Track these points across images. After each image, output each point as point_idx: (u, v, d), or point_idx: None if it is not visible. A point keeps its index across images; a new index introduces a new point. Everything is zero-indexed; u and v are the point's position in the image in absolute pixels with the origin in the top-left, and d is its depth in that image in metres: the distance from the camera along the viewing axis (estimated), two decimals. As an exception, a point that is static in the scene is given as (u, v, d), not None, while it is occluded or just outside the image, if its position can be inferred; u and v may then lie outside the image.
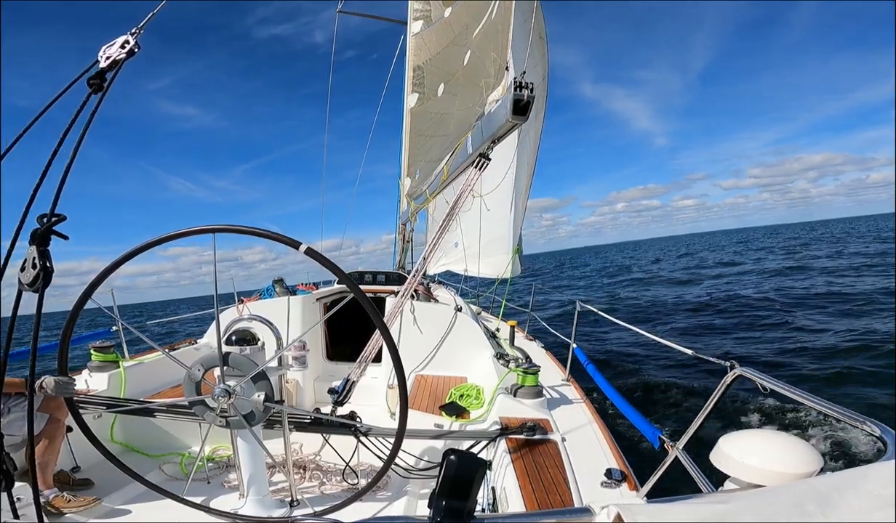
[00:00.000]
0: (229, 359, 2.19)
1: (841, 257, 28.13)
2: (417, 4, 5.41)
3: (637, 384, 8.80)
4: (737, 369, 1.69)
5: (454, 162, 3.77)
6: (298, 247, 1.78)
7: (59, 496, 2.63)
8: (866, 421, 1.18)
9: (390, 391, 4.15)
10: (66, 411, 2.67)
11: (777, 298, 16.13)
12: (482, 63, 3.68)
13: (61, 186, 1.35)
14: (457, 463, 0.81)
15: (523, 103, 2.51)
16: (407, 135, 5.93)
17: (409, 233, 8.63)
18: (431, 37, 4.86)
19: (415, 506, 2.85)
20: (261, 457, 2.52)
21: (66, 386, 2.09)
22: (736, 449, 1.26)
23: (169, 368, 4.10)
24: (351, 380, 3.09)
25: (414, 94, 5.34)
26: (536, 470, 2.30)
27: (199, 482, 3.12)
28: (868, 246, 35.19)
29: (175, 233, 1.80)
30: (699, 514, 0.68)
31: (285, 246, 1.79)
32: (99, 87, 1.46)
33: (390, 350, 1.87)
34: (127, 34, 1.55)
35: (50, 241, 1.32)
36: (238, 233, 1.78)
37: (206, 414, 2.20)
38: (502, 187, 6.69)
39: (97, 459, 2.48)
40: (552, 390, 3.48)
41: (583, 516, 0.77)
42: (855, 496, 0.65)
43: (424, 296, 5.43)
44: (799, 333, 11.16)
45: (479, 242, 7.33)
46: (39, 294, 1.31)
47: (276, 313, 3.95)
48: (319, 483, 3.11)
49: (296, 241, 1.78)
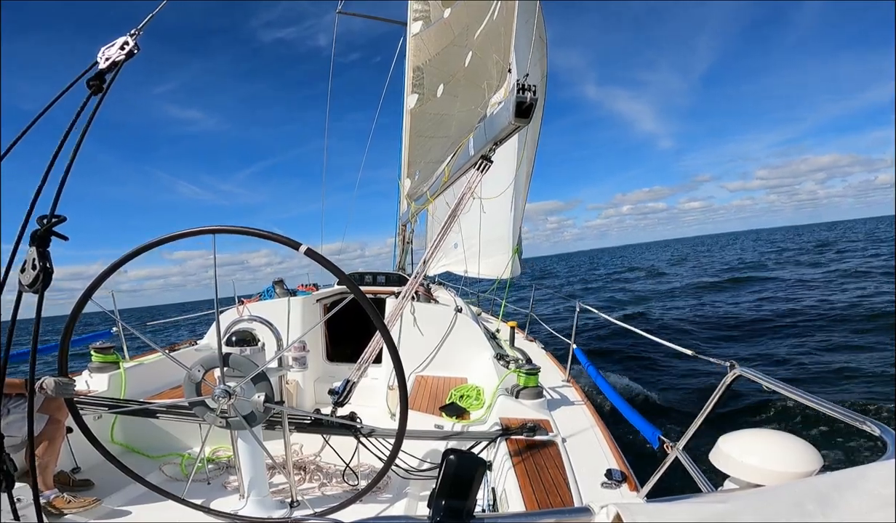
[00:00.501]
0: (230, 359, 2.19)
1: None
2: (417, 5, 5.42)
3: (637, 384, 8.80)
4: (736, 369, 1.69)
5: (455, 163, 3.78)
6: (298, 248, 1.78)
7: (59, 497, 2.63)
8: (866, 421, 1.18)
9: (390, 392, 4.15)
10: (66, 412, 2.67)
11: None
12: (484, 64, 3.69)
13: (61, 187, 1.35)
14: (456, 463, 0.81)
15: (526, 106, 2.52)
16: (407, 136, 5.94)
17: (409, 235, 8.64)
18: (431, 37, 4.86)
19: (415, 507, 2.85)
20: (261, 458, 2.52)
21: (66, 386, 2.09)
22: (736, 449, 1.26)
23: (169, 369, 4.10)
24: (351, 380, 3.09)
25: (413, 94, 5.34)
26: (537, 471, 2.30)
27: (199, 483, 3.12)
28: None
29: (175, 235, 1.80)
30: (699, 514, 0.68)
31: (287, 247, 1.80)
32: (98, 89, 1.46)
33: (390, 351, 1.87)
34: (126, 35, 1.55)
35: (50, 242, 1.33)
36: (238, 234, 1.78)
37: (207, 415, 2.20)
38: (502, 188, 6.70)
39: (97, 460, 2.48)
40: (552, 391, 3.48)
41: (582, 516, 0.77)
42: (855, 495, 0.65)
43: (424, 297, 5.43)
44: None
45: (479, 243, 7.34)
46: (39, 295, 1.31)
47: (276, 314, 3.95)
48: (320, 484, 3.11)
49: (296, 242, 1.78)
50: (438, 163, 4.67)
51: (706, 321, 15.10)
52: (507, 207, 7.51)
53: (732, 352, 11.06)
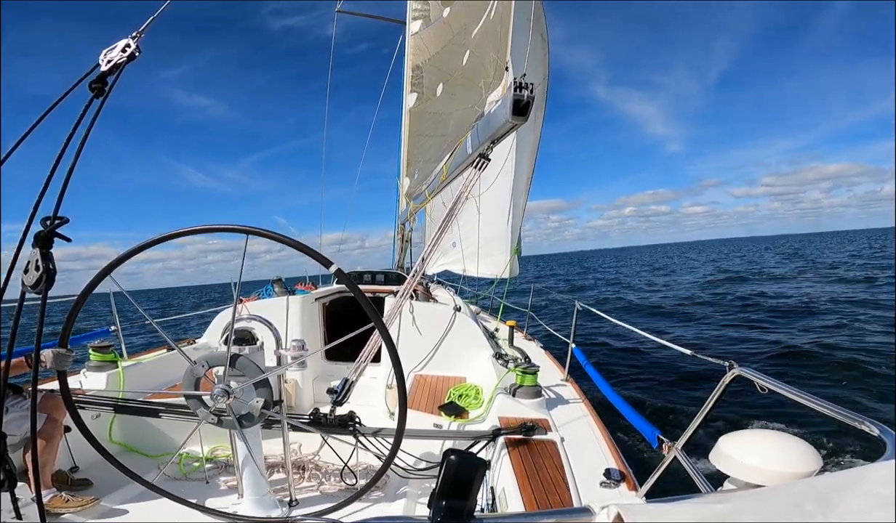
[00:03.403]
0: (237, 361, 2.20)
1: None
2: (416, 4, 5.42)
3: (636, 384, 8.81)
4: (735, 369, 1.69)
5: (453, 162, 3.78)
6: (329, 267, 1.86)
7: (57, 496, 2.62)
8: (865, 421, 1.18)
9: (389, 391, 4.15)
10: (63, 411, 2.66)
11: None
12: (481, 63, 3.68)
13: (64, 189, 1.35)
14: (457, 463, 0.81)
15: (523, 104, 2.52)
16: (406, 135, 5.93)
17: (407, 234, 8.64)
18: (430, 36, 4.86)
19: (414, 506, 2.85)
20: (259, 457, 2.52)
21: (64, 358, 2.02)
22: (735, 449, 1.26)
23: (167, 368, 4.10)
24: (350, 380, 3.09)
25: (413, 93, 5.34)
26: (535, 470, 2.30)
27: (197, 482, 3.12)
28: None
29: (210, 227, 1.80)
30: (699, 514, 0.68)
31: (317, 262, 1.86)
32: (100, 92, 1.46)
33: (389, 350, 1.87)
34: (128, 38, 1.55)
35: (52, 244, 1.33)
36: (273, 240, 1.81)
37: (199, 411, 2.20)
38: (500, 187, 6.69)
39: (95, 459, 2.47)
40: (551, 390, 3.48)
41: (582, 516, 0.77)
42: (854, 496, 0.65)
43: (423, 296, 5.42)
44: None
45: (478, 242, 7.34)
46: (42, 296, 1.32)
47: (274, 313, 3.94)
48: (318, 483, 3.10)
49: (328, 260, 1.86)
50: (437, 163, 4.67)
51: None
52: (506, 207, 7.52)
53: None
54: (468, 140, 3.30)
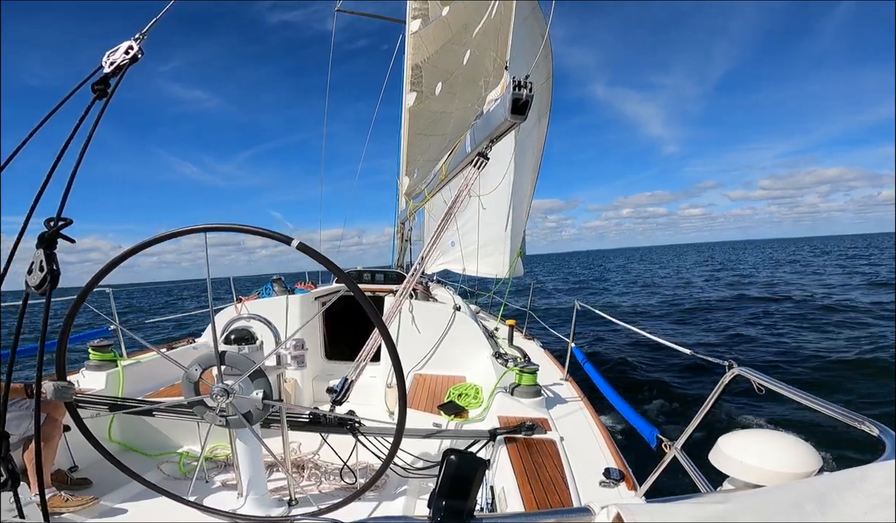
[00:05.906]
0: (225, 357, 2.19)
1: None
2: (415, 3, 5.41)
3: (635, 383, 8.81)
4: (735, 369, 1.69)
5: (452, 161, 3.78)
6: (290, 243, 1.78)
7: (56, 495, 2.62)
8: (865, 421, 1.18)
9: (389, 390, 4.15)
10: (63, 411, 2.66)
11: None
12: (482, 62, 3.68)
13: (68, 190, 1.35)
14: (457, 463, 0.81)
15: (522, 102, 2.51)
16: (405, 135, 5.93)
17: (407, 233, 8.64)
18: (429, 35, 4.86)
19: (413, 506, 2.85)
20: (259, 456, 2.52)
21: (66, 390, 2.07)
22: (735, 449, 1.26)
23: (167, 367, 4.10)
24: (349, 379, 3.09)
25: (412, 92, 5.34)
26: (535, 470, 2.30)
27: (197, 481, 3.12)
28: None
29: (164, 235, 1.79)
30: (699, 514, 0.69)
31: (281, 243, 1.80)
32: (103, 93, 1.46)
33: (389, 349, 1.87)
34: (131, 40, 1.55)
35: (57, 245, 1.33)
36: (228, 232, 1.78)
37: (206, 414, 2.20)
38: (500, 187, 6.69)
39: (95, 458, 2.47)
40: (550, 389, 3.48)
41: (582, 516, 0.77)
42: (854, 496, 0.65)
43: (423, 296, 5.42)
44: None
45: (477, 242, 7.34)
46: (47, 297, 1.32)
47: (274, 312, 3.94)
48: (318, 482, 3.10)
49: (287, 237, 1.78)
50: (436, 162, 4.67)
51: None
52: (506, 206, 7.52)
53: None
54: (467, 139, 3.30)
